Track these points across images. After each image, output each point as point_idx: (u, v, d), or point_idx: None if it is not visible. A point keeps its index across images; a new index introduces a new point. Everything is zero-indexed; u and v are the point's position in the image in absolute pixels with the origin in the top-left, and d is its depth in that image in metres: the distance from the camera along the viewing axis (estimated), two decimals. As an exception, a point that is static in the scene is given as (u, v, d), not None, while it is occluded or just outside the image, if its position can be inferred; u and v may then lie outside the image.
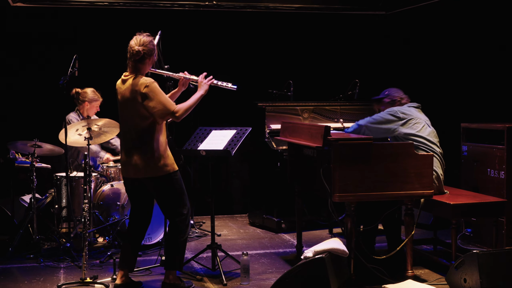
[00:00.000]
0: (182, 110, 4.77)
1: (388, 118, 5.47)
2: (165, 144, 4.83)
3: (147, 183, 4.81)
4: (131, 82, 4.73)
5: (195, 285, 5.09)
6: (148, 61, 4.81)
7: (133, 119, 4.74)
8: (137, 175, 4.78)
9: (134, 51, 4.73)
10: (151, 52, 4.80)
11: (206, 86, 5.02)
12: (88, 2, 7.53)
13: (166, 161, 4.79)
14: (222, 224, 7.57)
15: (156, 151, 4.74)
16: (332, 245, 4.72)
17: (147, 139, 4.73)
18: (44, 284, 5.16)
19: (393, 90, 5.76)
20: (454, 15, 7.32)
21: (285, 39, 8.23)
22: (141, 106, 4.69)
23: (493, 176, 5.99)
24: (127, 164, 4.81)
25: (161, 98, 4.69)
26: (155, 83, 4.74)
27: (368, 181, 4.87)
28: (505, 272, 4.62)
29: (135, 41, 4.77)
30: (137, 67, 4.77)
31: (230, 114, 7.82)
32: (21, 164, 6.32)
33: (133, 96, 4.70)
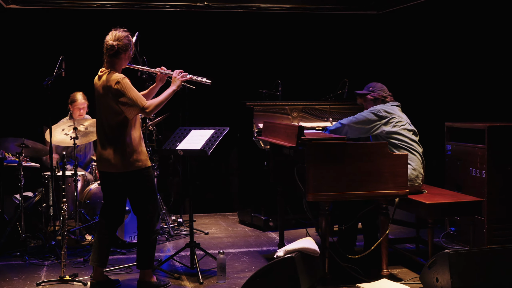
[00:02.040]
0: (152, 106, 4.83)
1: (371, 117, 5.50)
2: (138, 139, 4.89)
3: (119, 178, 4.87)
4: (105, 78, 4.81)
5: (173, 283, 5.15)
6: (123, 55, 4.87)
7: (106, 115, 4.81)
8: (110, 169, 4.85)
9: (109, 45, 4.80)
10: (126, 47, 4.85)
11: (178, 82, 5.08)
12: (80, 4, 7.62)
13: (138, 157, 4.85)
14: (212, 222, 7.64)
15: (128, 146, 4.81)
16: (303, 245, 4.76)
17: (119, 134, 4.80)
18: (25, 281, 5.25)
19: (377, 87, 5.74)
20: (442, 14, 7.33)
21: (275, 39, 8.27)
22: (113, 102, 4.76)
23: (475, 175, 6.00)
24: (101, 159, 4.89)
25: (131, 94, 4.76)
26: (126, 79, 4.80)
27: (342, 180, 4.90)
28: (476, 272, 4.64)
29: (110, 36, 4.84)
30: (113, 62, 4.84)
31: (220, 114, 7.91)
32: (10, 163, 6.42)
33: (105, 92, 4.78)
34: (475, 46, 6.88)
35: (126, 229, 6.16)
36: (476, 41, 6.86)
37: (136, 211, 5.01)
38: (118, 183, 4.91)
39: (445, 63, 7.32)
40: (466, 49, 7.00)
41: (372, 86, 5.76)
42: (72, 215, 6.30)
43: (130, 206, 5.06)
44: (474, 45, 6.89)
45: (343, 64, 8.22)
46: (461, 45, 7.07)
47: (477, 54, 6.84)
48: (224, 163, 8.26)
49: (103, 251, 5.00)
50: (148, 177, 4.95)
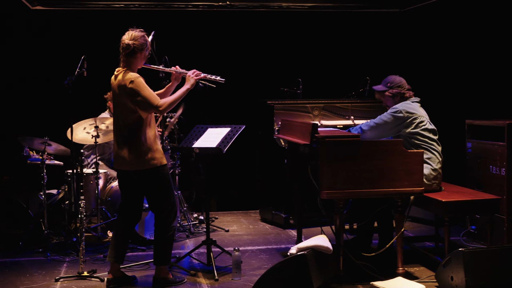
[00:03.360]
0: (166, 104, 4.89)
1: (391, 120, 5.39)
2: (153, 138, 4.96)
3: (135, 176, 4.95)
4: (120, 77, 4.89)
5: (189, 280, 5.21)
6: (139, 55, 4.94)
7: (122, 113, 4.90)
8: (126, 167, 4.93)
9: (125, 44, 4.89)
10: (142, 47, 4.93)
11: (192, 80, 5.13)
12: (104, 4, 7.73)
13: (153, 155, 4.92)
14: (234, 220, 7.69)
15: (143, 145, 4.88)
16: (316, 242, 4.77)
17: (135, 133, 4.88)
18: (44, 277, 5.36)
19: (396, 81, 5.59)
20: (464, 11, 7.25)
21: (297, 38, 8.29)
22: (127, 101, 4.84)
23: (495, 173, 5.94)
24: (117, 157, 4.97)
25: (145, 93, 4.83)
26: (140, 78, 4.88)
27: (356, 178, 4.89)
28: (491, 271, 4.60)
29: (127, 35, 4.92)
30: (129, 61, 4.92)
31: (241, 112, 7.93)
32: (34, 161, 6.54)
33: (120, 91, 4.87)
34: (496, 43, 6.80)
35: (146, 226, 6.24)
36: (497, 38, 6.78)
37: (153, 209, 5.09)
38: (134, 181, 4.99)
39: (466, 60, 7.24)
40: (488, 45, 6.92)
41: (390, 81, 5.62)
42: (94, 212, 6.40)
43: (148, 203, 5.14)
44: (495, 42, 6.81)
45: (365, 62, 8.19)
46: (482, 42, 6.99)
47: (499, 51, 6.75)
48: (248, 161, 8.29)
49: (120, 248, 5.08)
50: (164, 175, 5.02)
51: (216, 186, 8.25)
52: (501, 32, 6.73)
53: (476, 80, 7.11)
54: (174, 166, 6.99)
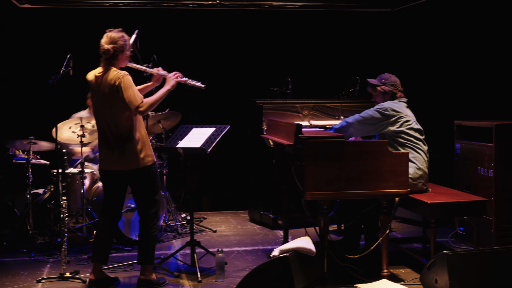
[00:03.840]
0: (147, 105, 4.82)
1: (377, 116, 5.39)
2: (145, 135, 4.92)
3: (129, 175, 4.88)
4: (107, 77, 4.80)
5: (172, 281, 5.16)
6: (121, 56, 4.88)
7: (113, 114, 4.81)
8: (119, 167, 4.86)
9: (104, 49, 4.81)
10: (122, 48, 4.85)
11: (173, 82, 5.07)
12: (93, 3, 7.68)
13: (148, 152, 4.89)
14: (223, 220, 7.64)
15: (138, 143, 4.83)
16: (299, 244, 4.73)
17: (128, 132, 4.81)
18: (27, 278, 5.31)
19: (390, 80, 5.57)
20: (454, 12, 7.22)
21: (287, 38, 8.24)
22: (120, 99, 4.76)
23: (483, 174, 5.89)
24: (109, 158, 4.89)
25: (129, 92, 4.75)
26: (128, 76, 4.80)
27: (340, 179, 4.83)
28: (475, 273, 4.55)
29: (105, 39, 4.84)
30: (111, 64, 4.85)
31: (231, 112, 7.89)
32: (20, 160, 6.49)
33: (111, 91, 4.78)
34: (487, 42, 6.76)
35: (132, 227, 6.19)
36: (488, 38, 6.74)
37: (140, 207, 5.02)
38: (125, 180, 4.93)
39: (457, 60, 7.21)
40: (478, 45, 6.88)
41: (385, 78, 5.59)
42: (80, 212, 6.35)
43: (134, 202, 5.08)
44: (486, 41, 6.77)
45: (355, 62, 8.14)
46: (474, 42, 6.96)
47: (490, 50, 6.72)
48: (238, 161, 8.24)
49: (103, 249, 5.03)
50: (156, 172, 5.01)
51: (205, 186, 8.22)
52: (491, 32, 6.69)
53: (467, 80, 7.08)
54: (161, 166, 6.95)
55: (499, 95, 6.60)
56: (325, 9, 8.16)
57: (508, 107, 6.41)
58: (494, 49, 6.68)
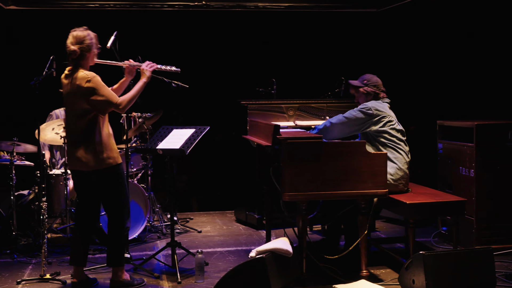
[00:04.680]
0: (126, 102, 4.83)
1: (360, 116, 5.41)
2: (108, 136, 4.88)
3: (92, 176, 4.87)
4: (73, 76, 4.78)
5: (151, 282, 5.17)
6: (88, 55, 4.84)
7: (76, 113, 4.79)
8: (82, 168, 4.84)
9: (71, 50, 4.78)
10: (89, 47, 4.81)
11: (148, 73, 5.08)
12: (79, 4, 7.68)
13: (109, 154, 4.85)
14: (209, 220, 7.66)
15: (98, 144, 4.80)
16: (276, 245, 4.74)
17: (90, 132, 4.79)
18: (7, 279, 5.32)
19: (372, 80, 5.58)
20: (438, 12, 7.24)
21: (273, 38, 8.24)
22: (83, 100, 4.74)
23: (465, 174, 5.91)
24: (72, 158, 4.88)
25: (104, 92, 4.75)
26: (97, 77, 4.78)
27: (318, 180, 4.85)
28: (451, 274, 4.57)
29: (71, 39, 4.80)
30: (78, 64, 4.82)
31: (217, 113, 7.92)
32: (3, 162, 6.50)
33: (75, 90, 4.76)
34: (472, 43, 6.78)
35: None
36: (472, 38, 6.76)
37: (107, 208, 5.01)
38: (91, 181, 4.91)
39: (440, 60, 7.23)
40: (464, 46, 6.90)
41: (367, 79, 5.60)
42: (63, 213, 6.37)
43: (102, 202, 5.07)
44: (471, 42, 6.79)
45: (341, 62, 8.15)
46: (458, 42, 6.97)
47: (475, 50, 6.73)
48: (225, 161, 8.26)
49: (80, 252, 5.01)
50: (120, 174, 4.97)
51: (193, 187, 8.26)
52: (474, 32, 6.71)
53: (451, 80, 7.09)
54: (146, 167, 6.96)
55: (482, 95, 6.61)
56: (311, 10, 8.16)
57: (490, 107, 6.43)
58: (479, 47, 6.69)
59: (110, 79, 5.11)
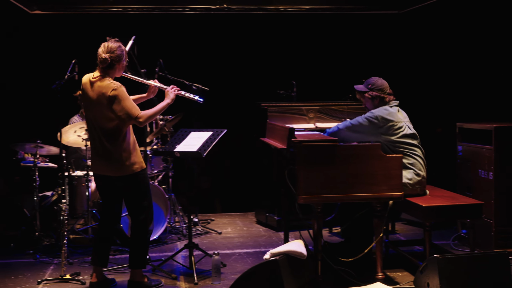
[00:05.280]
0: (146, 117, 4.91)
1: (366, 124, 5.32)
2: (133, 143, 4.98)
3: (117, 181, 4.97)
4: (99, 84, 4.88)
5: (169, 283, 5.24)
6: (117, 66, 4.96)
7: (100, 120, 4.89)
8: (107, 173, 4.95)
9: (102, 58, 4.88)
10: (119, 58, 4.93)
11: (172, 95, 5.17)
12: (102, 8, 7.80)
13: (135, 160, 4.95)
14: (230, 222, 7.72)
15: (124, 151, 4.90)
16: (290, 248, 4.77)
17: (115, 140, 4.88)
18: (28, 279, 5.44)
19: (377, 84, 5.50)
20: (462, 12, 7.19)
21: (294, 41, 8.27)
22: (107, 109, 4.84)
23: (483, 177, 5.87)
24: (97, 163, 4.99)
25: (126, 104, 4.84)
26: (123, 87, 4.88)
27: (333, 182, 4.85)
28: (466, 277, 4.54)
29: (103, 48, 4.91)
30: (107, 73, 4.93)
31: (238, 115, 7.98)
32: (27, 163, 6.64)
33: (100, 98, 4.86)
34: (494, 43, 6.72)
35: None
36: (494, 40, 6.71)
37: (131, 212, 5.11)
38: (116, 186, 5.01)
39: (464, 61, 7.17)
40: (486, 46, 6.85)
41: (372, 83, 5.53)
42: (85, 214, 6.48)
43: (126, 206, 5.17)
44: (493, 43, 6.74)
45: (362, 64, 8.13)
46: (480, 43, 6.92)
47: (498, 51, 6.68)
48: (247, 163, 8.31)
49: (102, 252, 5.12)
50: (144, 179, 5.06)
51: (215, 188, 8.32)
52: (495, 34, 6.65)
53: (472, 81, 7.04)
54: (167, 169, 7.04)
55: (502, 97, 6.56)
56: (332, 12, 8.17)
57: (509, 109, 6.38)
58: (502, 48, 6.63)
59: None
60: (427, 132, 6.46)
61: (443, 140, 6.75)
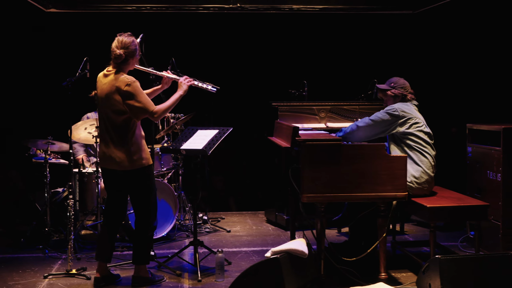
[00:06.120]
0: (161, 111, 4.95)
1: (386, 118, 5.38)
2: (141, 138, 5.01)
3: (123, 176, 5.01)
4: (113, 77, 4.92)
5: (173, 280, 5.28)
6: (131, 61, 5.00)
7: (110, 114, 4.92)
8: (115, 167, 4.98)
9: (116, 54, 4.92)
10: (133, 53, 4.97)
11: (185, 87, 5.19)
12: (116, 7, 7.85)
13: (142, 155, 4.98)
14: (240, 220, 7.74)
15: (133, 145, 4.94)
16: (291, 246, 4.77)
17: (123, 133, 4.92)
18: (35, 274, 5.51)
19: (399, 83, 5.57)
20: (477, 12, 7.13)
21: (307, 40, 8.27)
22: (119, 103, 4.87)
23: (492, 179, 5.82)
24: (105, 157, 5.02)
25: (141, 98, 4.87)
26: (137, 82, 4.91)
27: (337, 182, 4.86)
28: (467, 279, 4.52)
29: (116, 43, 4.94)
30: (121, 68, 4.97)
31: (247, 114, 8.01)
32: (39, 160, 6.71)
33: (112, 92, 4.89)
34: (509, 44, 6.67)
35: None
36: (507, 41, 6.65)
37: (136, 208, 5.14)
38: (122, 180, 5.04)
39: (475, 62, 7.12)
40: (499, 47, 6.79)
41: (394, 81, 5.59)
42: (95, 210, 6.54)
43: (131, 201, 5.21)
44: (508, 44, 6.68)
45: (375, 64, 8.11)
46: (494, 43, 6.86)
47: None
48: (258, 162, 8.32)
49: (107, 248, 5.16)
50: (151, 175, 5.10)
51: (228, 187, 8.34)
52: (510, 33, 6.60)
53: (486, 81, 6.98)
54: (176, 166, 7.08)
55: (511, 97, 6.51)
56: (346, 12, 8.14)
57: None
58: None
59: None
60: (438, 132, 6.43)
61: (454, 141, 6.70)
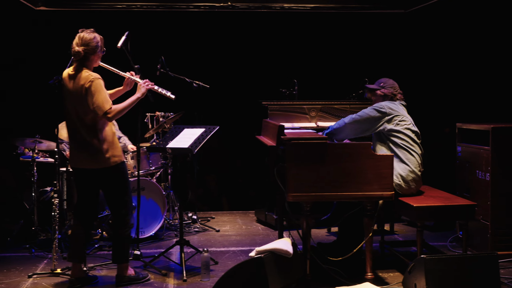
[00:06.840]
0: (115, 112, 4.84)
1: (374, 114, 5.36)
2: (112, 135, 4.94)
3: (95, 174, 4.94)
4: (77, 76, 4.84)
5: (158, 279, 5.23)
6: (93, 57, 4.91)
7: (79, 112, 4.85)
8: (87, 166, 4.92)
9: (75, 51, 4.84)
10: (94, 50, 4.88)
11: (143, 89, 5.10)
12: (107, 5, 7.81)
13: (113, 153, 4.92)
14: (230, 220, 7.70)
15: (103, 143, 4.87)
16: (276, 246, 4.74)
17: (93, 132, 4.85)
18: (20, 273, 5.46)
19: (388, 83, 5.58)
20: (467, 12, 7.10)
21: (298, 39, 8.23)
22: (85, 101, 4.80)
23: (481, 178, 5.79)
24: (77, 156, 4.95)
25: (99, 96, 4.78)
26: (100, 80, 4.83)
27: (323, 181, 4.82)
28: (452, 279, 4.48)
29: (77, 40, 4.86)
30: (83, 65, 4.89)
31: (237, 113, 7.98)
32: (26, 158, 6.68)
33: (78, 90, 4.82)
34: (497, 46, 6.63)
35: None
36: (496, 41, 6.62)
37: (112, 206, 5.08)
38: (95, 179, 4.98)
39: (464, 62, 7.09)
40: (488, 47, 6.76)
41: (383, 82, 5.60)
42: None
43: (106, 201, 5.15)
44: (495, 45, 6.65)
45: (366, 63, 8.07)
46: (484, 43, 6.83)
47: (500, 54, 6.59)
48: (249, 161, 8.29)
49: (80, 248, 5.06)
50: (124, 172, 5.04)
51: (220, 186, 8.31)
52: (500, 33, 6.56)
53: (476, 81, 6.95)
54: (165, 166, 7.04)
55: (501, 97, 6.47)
56: (337, 11, 8.11)
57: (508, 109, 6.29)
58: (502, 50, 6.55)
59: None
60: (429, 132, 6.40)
61: (445, 140, 6.66)
